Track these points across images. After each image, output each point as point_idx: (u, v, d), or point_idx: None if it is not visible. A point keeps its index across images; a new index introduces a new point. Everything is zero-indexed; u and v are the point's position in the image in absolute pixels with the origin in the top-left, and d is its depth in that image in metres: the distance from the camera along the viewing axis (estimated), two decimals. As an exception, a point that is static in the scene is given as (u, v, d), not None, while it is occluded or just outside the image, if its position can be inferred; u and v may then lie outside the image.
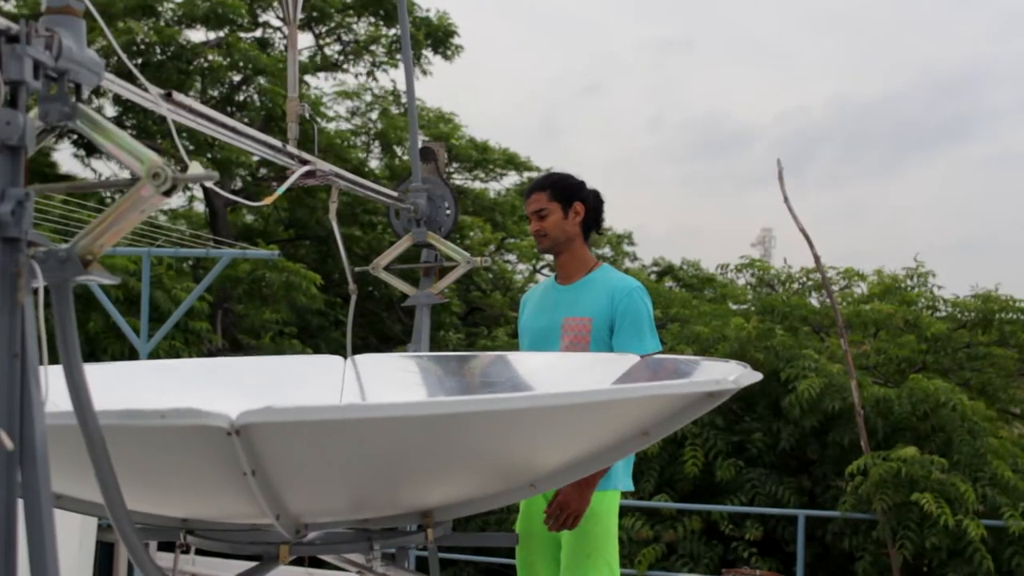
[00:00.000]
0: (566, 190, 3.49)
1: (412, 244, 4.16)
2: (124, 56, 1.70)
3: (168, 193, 1.45)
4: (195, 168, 1.46)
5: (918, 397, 7.59)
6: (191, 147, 14.17)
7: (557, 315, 3.44)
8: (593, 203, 3.55)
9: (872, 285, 10.83)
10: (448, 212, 4.35)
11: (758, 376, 2.00)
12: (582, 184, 3.55)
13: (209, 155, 14.39)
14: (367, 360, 3.20)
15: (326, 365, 3.18)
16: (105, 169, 16.32)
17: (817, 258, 8.01)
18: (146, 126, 14.47)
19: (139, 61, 14.51)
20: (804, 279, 10.63)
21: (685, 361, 2.76)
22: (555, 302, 3.50)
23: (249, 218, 18.30)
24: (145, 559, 1.59)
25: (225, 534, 2.05)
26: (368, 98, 17.68)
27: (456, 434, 1.71)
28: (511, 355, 3.22)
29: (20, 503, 1.39)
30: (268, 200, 2.66)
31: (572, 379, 2.86)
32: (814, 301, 10.48)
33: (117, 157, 1.49)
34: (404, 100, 17.91)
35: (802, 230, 7.71)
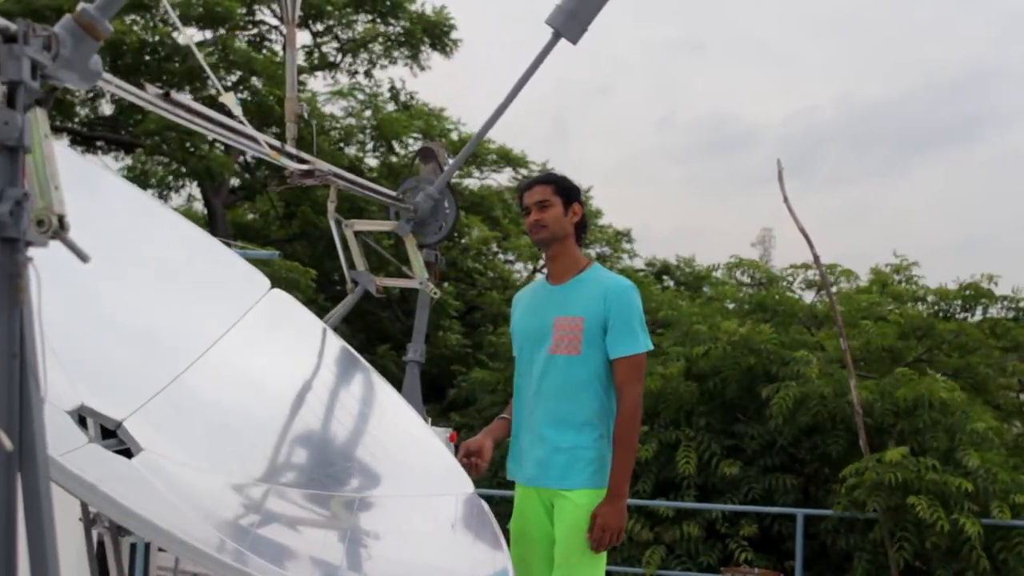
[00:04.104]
0: (569, 190, 3.54)
1: (392, 231, 4.20)
2: (199, 55, 1.71)
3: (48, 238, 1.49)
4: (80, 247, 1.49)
5: (899, 395, 7.58)
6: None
7: (548, 315, 3.45)
8: (584, 210, 3.62)
9: (870, 283, 10.86)
10: (448, 212, 4.35)
11: None
12: (579, 189, 3.62)
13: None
14: (288, 309, 3.22)
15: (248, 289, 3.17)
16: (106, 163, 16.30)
17: (817, 258, 8.00)
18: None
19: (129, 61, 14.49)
20: (793, 276, 10.68)
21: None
22: (546, 302, 3.51)
23: (250, 216, 18.30)
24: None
25: None
26: (362, 96, 17.65)
27: None
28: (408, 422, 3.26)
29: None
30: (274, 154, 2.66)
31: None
32: (807, 298, 10.52)
33: (27, 179, 1.50)
34: (405, 98, 17.91)
35: (802, 230, 7.70)
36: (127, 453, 2.29)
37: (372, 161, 17.58)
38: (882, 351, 8.93)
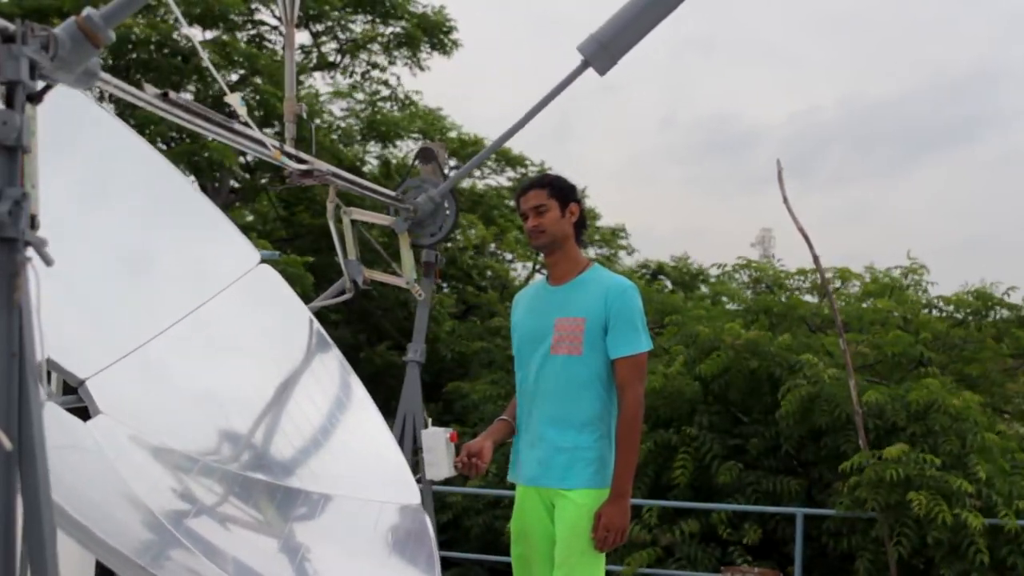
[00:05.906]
0: (564, 190, 3.52)
1: (389, 226, 4.21)
2: (204, 55, 1.72)
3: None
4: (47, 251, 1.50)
5: (911, 399, 7.56)
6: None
7: (549, 316, 3.45)
8: (582, 207, 3.60)
9: (867, 285, 10.82)
10: (448, 215, 4.36)
11: None
12: (575, 187, 3.60)
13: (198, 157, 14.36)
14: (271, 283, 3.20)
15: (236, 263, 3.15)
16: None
17: (816, 258, 7.98)
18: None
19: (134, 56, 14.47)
20: (801, 279, 10.62)
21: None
22: (547, 303, 3.51)
23: (249, 218, 18.26)
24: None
25: None
26: (361, 96, 17.61)
27: None
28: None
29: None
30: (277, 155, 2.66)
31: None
32: (810, 300, 10.46)
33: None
34: (403, 99, 17.90)
35: (801, 230, 7.68)
36: (85, 413, 2.30)
37: (372, 161, 17.57)
38: (896, 359, 8.87)
